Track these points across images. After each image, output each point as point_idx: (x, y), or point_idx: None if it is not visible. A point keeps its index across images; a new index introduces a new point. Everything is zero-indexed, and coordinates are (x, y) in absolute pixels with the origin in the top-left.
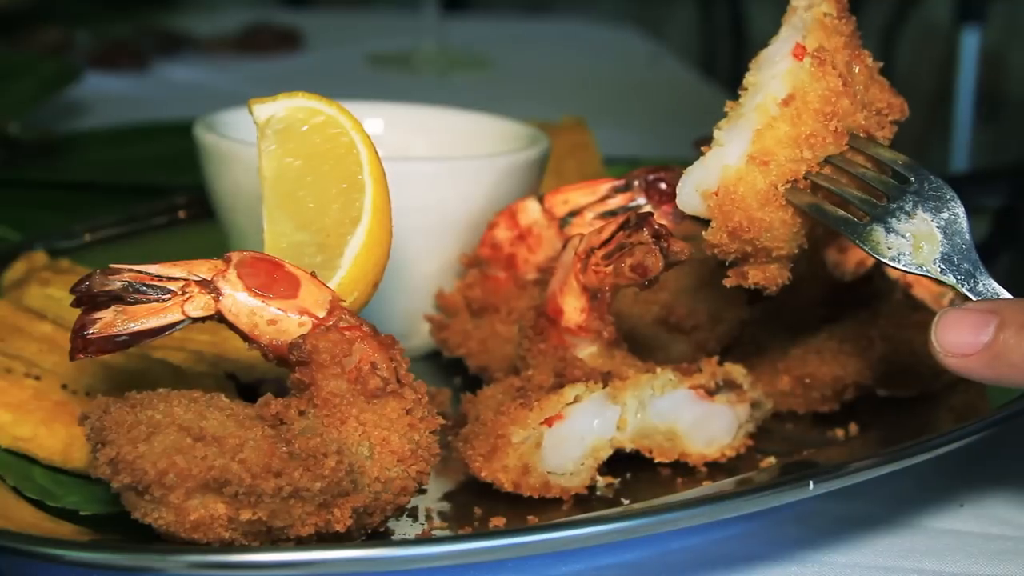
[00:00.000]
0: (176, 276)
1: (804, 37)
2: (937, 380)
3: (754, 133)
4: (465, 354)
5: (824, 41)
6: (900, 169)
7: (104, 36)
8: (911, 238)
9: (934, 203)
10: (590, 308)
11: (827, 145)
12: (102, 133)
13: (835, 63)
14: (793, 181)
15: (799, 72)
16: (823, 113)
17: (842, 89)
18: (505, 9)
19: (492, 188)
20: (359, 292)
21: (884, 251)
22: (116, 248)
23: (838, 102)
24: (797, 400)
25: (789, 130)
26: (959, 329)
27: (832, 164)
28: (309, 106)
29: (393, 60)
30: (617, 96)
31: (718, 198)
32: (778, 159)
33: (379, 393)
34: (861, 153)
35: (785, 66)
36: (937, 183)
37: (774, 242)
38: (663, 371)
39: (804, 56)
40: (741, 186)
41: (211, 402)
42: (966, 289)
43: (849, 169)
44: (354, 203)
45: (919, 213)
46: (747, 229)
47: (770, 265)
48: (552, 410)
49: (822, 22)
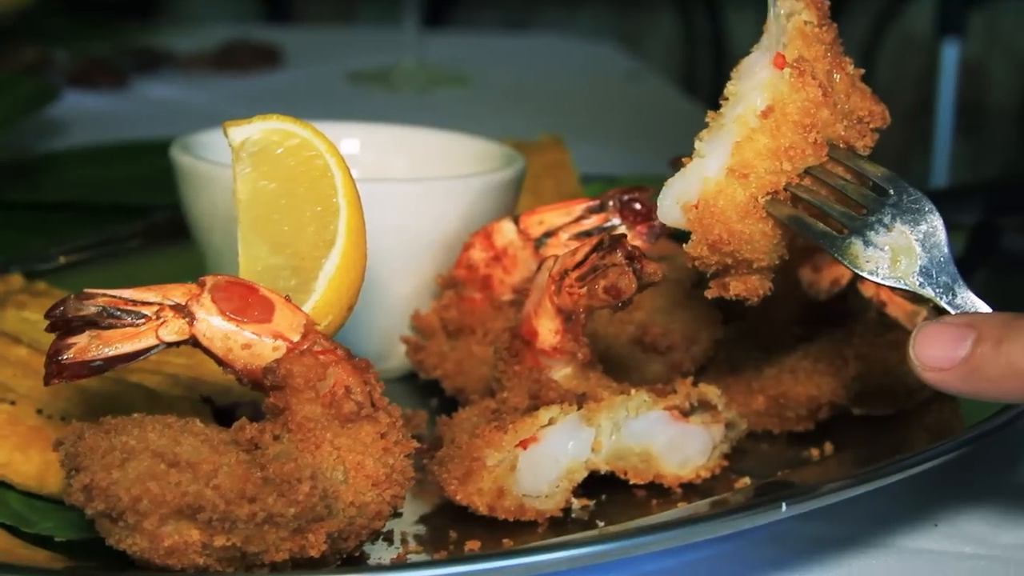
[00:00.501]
0: (150, 301)
1: (784, 46)
2: (911, 398)
3: (734, 145)
4: (441, 376)
5: (804, 50)
6: (879, 181)
7: (82, 54)
8: (889, 251)
9: (912, 216)
10: (564, 330)
11: (807, 157)
12: (80, 152)
13: (815, 73)
14: (773, 193)
15: (779, 83)
16: (802, 125)
17: (822, 100)
18: (485, 25)
19: (467, 209)
20: (333, 315)
21: (862, 264)
22: (93, 270)
23: (818, 113)
24: (772, 420)
25: (768, 142)
26: (937, 343)
27: (812, 175)
28: (284, 128)
29: (373, 77)
30: (596, 112)
31: (698, 211)
32: (758, 171)
33: (353, 417)
34: (841, 164)
35: (765, 76)
36: (916, 195)
37: (754, 254)
38: (637, 392)
39: (784, 66)
40: (721, 199)
41: (185, 427)
42: (944, 302)
43: (829, 181)
44: (328, 226)
45: (897, 226)
46: (727, 242)
47: (751, 276)
48: (527, 432)
49: (803, 30)
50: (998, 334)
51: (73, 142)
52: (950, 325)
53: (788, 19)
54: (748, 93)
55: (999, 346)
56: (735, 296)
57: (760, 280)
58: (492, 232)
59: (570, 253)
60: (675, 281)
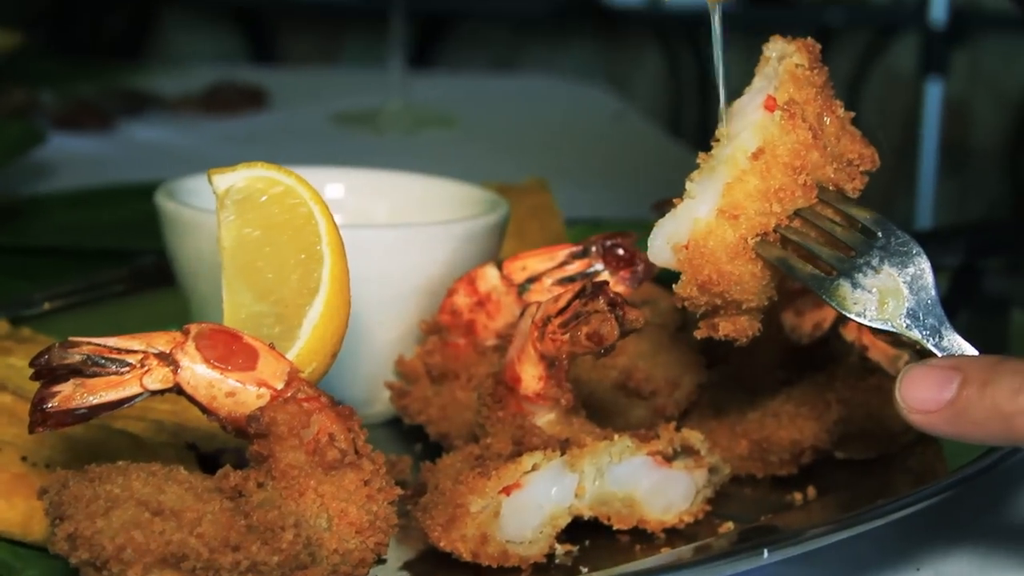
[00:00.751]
0: (135, 349)
1: (776, 88)
2: (894, 442)
3: (724, 187)
4: (425, 421)
5: (795, 93)
6: (867, 224)
7: (69, 96)
8: (877, 293)
9: (900, 258)
10: (548, 376)
11: (796, 199)
12: (66, 196)
13: (806, 115)
14: (763, 234)
15: (769, 125)
16: (792, 167)
17: (812, 142)
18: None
19: (451, 255)
20: (317, 363)
21: (850, 306)
22: (78, 315)
23: (808, 155)
24: (755, 464)
25: (759, 184)
26: (923, 385)
27: (801, 217)
28: (268, 176)
29: (358, 118)
30: (582, 154)
31: (688, 251)
32: (748, 213)
33: (337, 464)
34: (830, 206)
35: (756, 118)
36: (904, 238)
37: (744, 295)
38: (621, 438)
39: (775, 108)
40: (711, 239)
41: (170, 475)
42: (931, 344)
43: (817, 223)
44: (312, 274)
45: (885, 268)
46: (716, 282)
47: (740, 317)
48: (510, 479)
49: (794, 73)
50: (983, 377)
51: (59, 185)
52: (936, 368)
53: (780, 62)
54: (739, 134)
55: (984, 389)
56: (724, 336)
57: (749, 321)
58: (475, 278)
59: (553, 299)
60: (658, 326)
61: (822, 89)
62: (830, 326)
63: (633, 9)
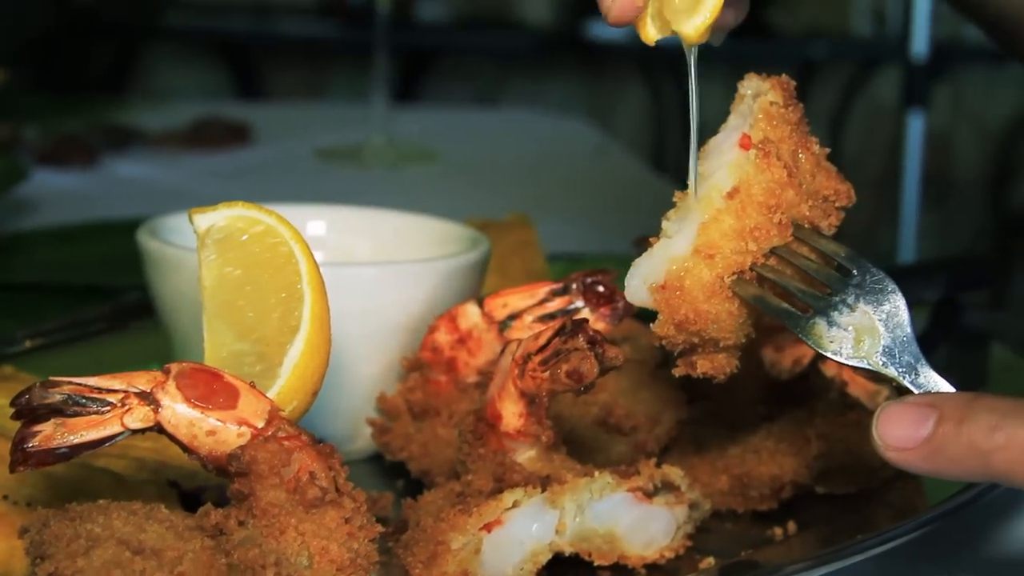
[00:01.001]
0: (115, 388)
1: (750, 126)
2: (874, 477)
3: (700, 226)
4: (407, 457)
5: (770, 131)
6: (843, 261)
7: (53, 131)
8: (853, 331)
9: (876, 296)
10: (528, 413)
11: (772, 237)
12: (49, 232)
13: (780, 154)
14: (739, 273)
15: (744, 164)
16: (768, 206)
17: (787, 180)
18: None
19: (432, 292)
20: (298, 401)
21: (826, 345)
22: (60, 353)
23: (783, 194)
24: (736, 499)
25: (734, 223)
26: (899, 423)
27: (777, 255)
28: (248, 215)
29: (342, 154)
30: (565, 188)
31: (665, 291)
32: (724, 252)
33: (318, 502)
34: (805, 244)
35: (731, 157)
36: (879, 275)
37: (721, 333)
38: (601, 474)
39: (750, 147)
40: (688, 279)
41: (150, 513)
42: (908, 381)
43: (793, 260)
44: (293, 312)
45: (860, 306)
46: (694, 321)
47: (718, 355)
48: (491, 515)
49: (768, 111)
50: (960, 414)
51: (42, 222)
52: (912, 405)
53: (754, 99)
54: (714, 173)
55: (961, 426)
56: (702, 374)
57: (727, 358)
58: (457, 315)
59: (533, 337)
60: (639, 362)
61: (797, 126)
62: (810, 362)
63: (616, 43)
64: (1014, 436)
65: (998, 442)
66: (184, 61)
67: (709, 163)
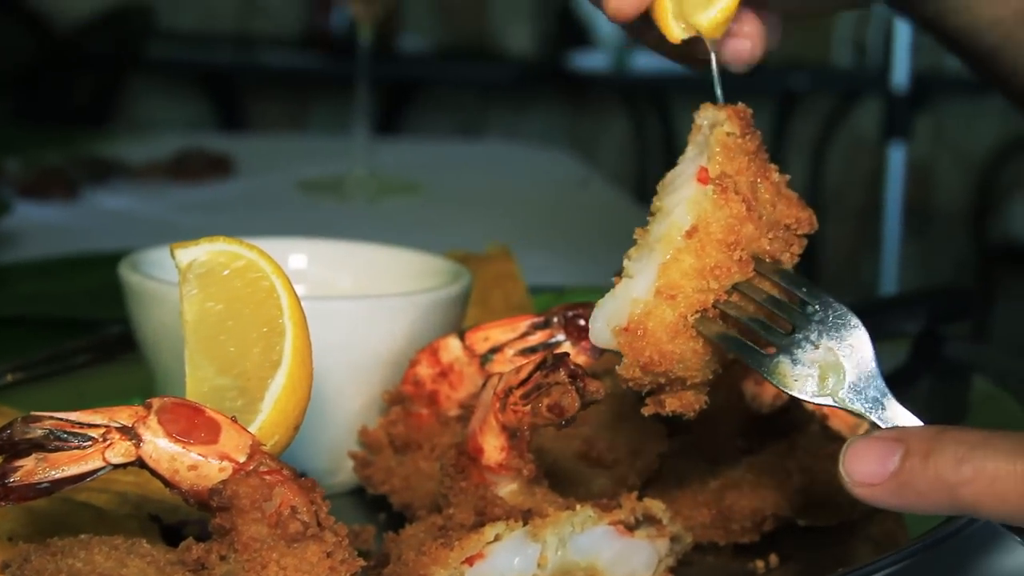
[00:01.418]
0: (97, 423)
1: (708, 159)
2: (855, 510)
3: (660, 267)
4: (389, 491)
5: (727, 165)
6: (804, 297)
7: (35, 164)
8: (817, 368)
9: (838, 331)
10: (510, 446)
11: (732, 275)
12: (31, 265)
13: (739, 187)
14: (702, 311)
15: (702, 200)
16: (727, 243)
17: (746, 215)
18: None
19: (413, 325)
20: (280, 435)
21: (791, 383)
22: (43, 387)
23: (742, 229)
24: (717, 532)
25: (694, 262)
26: (865, 459)
27: (739, 291)
28: (230, 250)
29: (324, 186)
30: (547, 220)
31: (628, 334)
32: (685, 291)
33: (299, 537)
34: (767, 279)
35: (689, 192)
36: (840, 310)
37: (687, 372)
38: (583, 508)
39: (708, 181)
40: (650, 320)
41: (132, 548)
42: (875, 417)
43: (755, 297)
44: (275, 347)
45: (824, 342)
46: (659, 363)
47: (686, 392)
48: (473, 549)
49: (725, 143)
50: (926, 447)
51: (24, 255)
52: (878, 440)
53: (711, 130)
54: (673, 210)
55: (927, 460)
56: (671, 413)
57: (695, 395)
58: (438, 348)
59: (514, 371)
60: (620, 395)
61: (755, 155)
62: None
63: (599, 74)
64: (981, 469)
65: (965, 475)
66: (166, 93)
67: (668, 199)
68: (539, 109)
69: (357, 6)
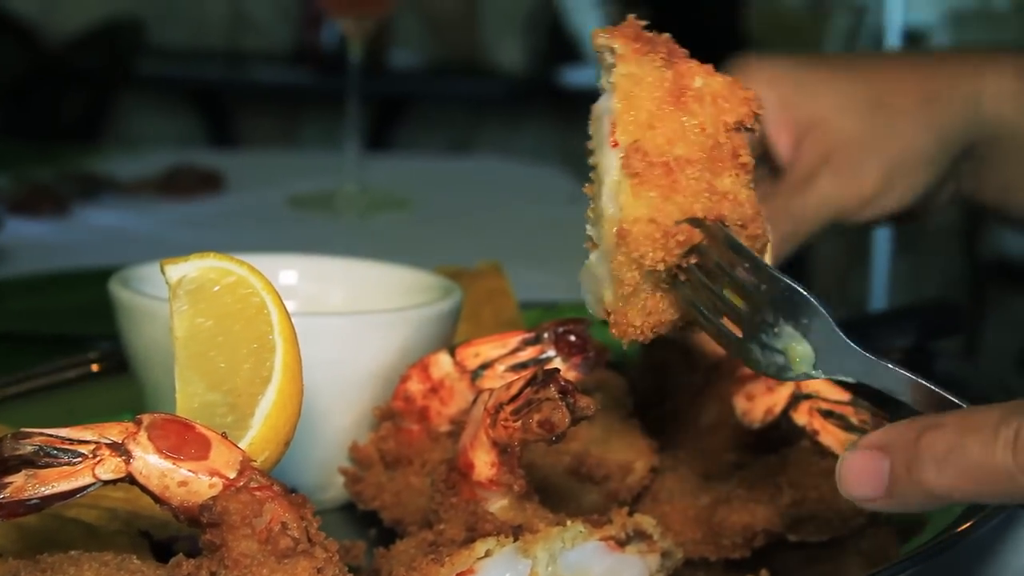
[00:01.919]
0: (87, 439)
1: (614, 113)
2: (845, 525)
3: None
4: (379, 507)
5: (633, 113)
6: (748, 273)
7: (25, 180)
8: (784, 350)
9: (791, 309)
10: (500, 462)
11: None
12: (21, 282)
13: (651, 151)
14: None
15: (621, 192)
16: (652, 239)
17: (668, 190)
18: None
19: (404, 341)
20: (270, 451)
21: (765, 367)
22: (33, 403)
23: (664, 207)
24: (708, 547)
25: (626, 259)
26: (860, 478)
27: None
28: (220, 267)
29: (314, 202)
30: (537, 236)
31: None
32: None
33: (290, 553)
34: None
35: (610, 166)
36: (784, 284)
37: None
38: (573, 523)
39: (617, 145)
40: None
41: (122, 565)
42: (865, 380)
43: (711, 285)
44: (265, 363)
45: (782, 324)
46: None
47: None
48: (463, 565)
49: (624, 88)
50: (907, 458)
51: (14, 271)
52: (866, 455)
53: (610, 70)
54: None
55: (910, 473)
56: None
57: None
58: (429, 364)
59: (505, 387)
60: (611, 410)
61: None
62: (781, 411)
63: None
64: (962, 469)
65: (948, 479)
66: (157, 108)
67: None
68: (530, 125)
69: (347, 22)
